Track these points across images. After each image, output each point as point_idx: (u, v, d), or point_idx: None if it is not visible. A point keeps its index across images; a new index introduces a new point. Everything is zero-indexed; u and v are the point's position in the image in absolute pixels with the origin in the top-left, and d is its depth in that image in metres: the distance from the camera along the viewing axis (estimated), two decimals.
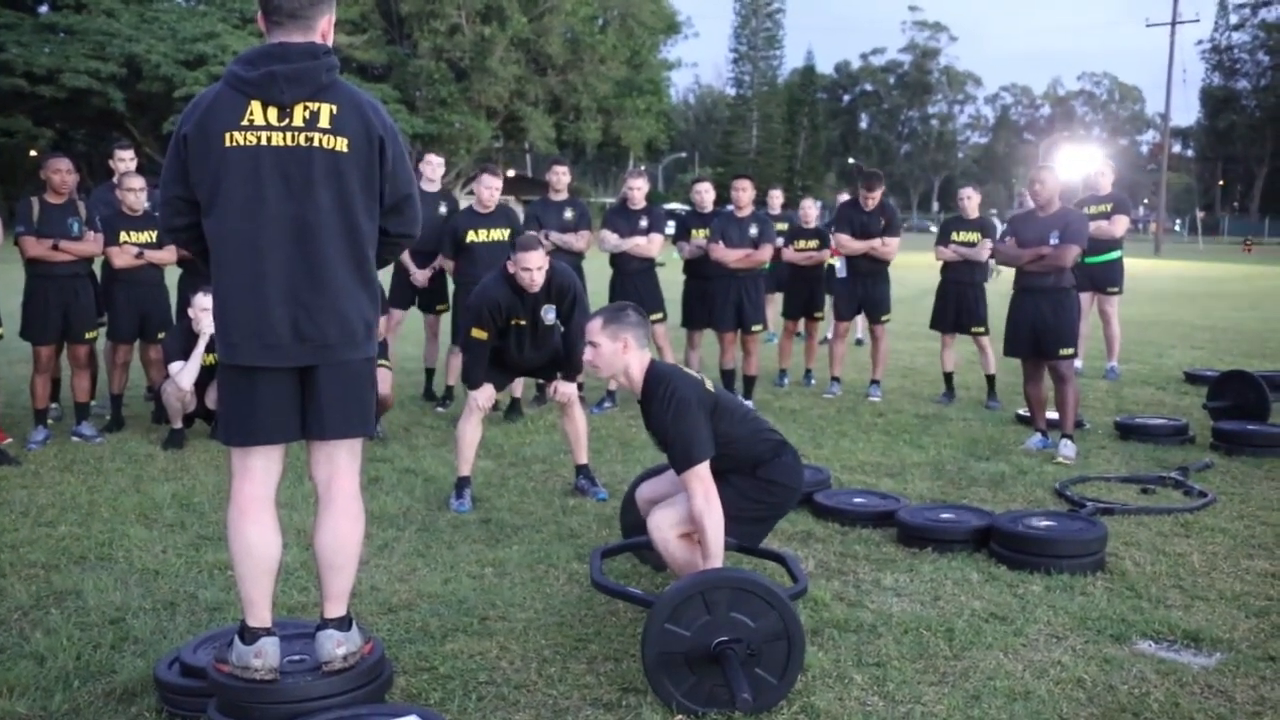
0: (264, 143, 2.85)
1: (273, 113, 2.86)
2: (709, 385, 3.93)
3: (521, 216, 8.16)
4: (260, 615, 3.00)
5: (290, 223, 2.87)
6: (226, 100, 2.87)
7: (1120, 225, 9.19)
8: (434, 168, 8.30)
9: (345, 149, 2.90)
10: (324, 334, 2.91)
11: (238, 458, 3.03)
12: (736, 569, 3.58)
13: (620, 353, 3.82)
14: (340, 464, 3.09)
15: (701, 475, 3.65)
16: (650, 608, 3.33)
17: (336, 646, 3.01)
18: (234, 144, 2.85)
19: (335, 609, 3.07)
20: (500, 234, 7.56)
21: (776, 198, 11.46)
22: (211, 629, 3.64)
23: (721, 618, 3.23)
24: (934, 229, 75.62)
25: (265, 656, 2.95)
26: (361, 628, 3.18)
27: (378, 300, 3.09)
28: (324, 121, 2.88)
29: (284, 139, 2.86)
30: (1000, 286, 8.37)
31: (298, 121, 2.87)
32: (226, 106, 2.87)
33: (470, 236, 7.60)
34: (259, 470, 3.03)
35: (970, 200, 8.67)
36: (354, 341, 2.97)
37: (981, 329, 8.47)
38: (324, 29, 2.94)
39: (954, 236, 8.55)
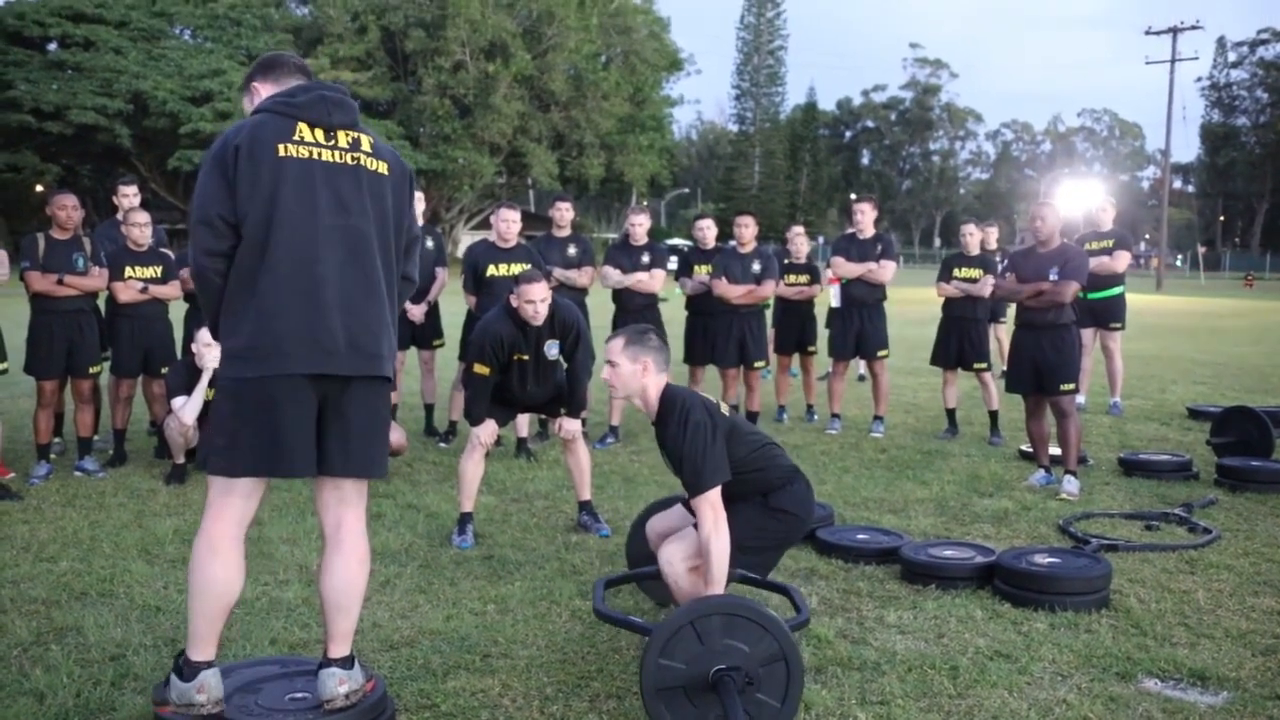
0: (315, 157, 2.98)
1: (319, 133, 3.00)
2: (725, 409, 3.92)
3: None
4: (207, 650, 2.98)
5: (342, 234, 2.97)
6: (272, 122, 2.99)
7: (1122, 261, 9.21)
8: (416, 202, 8.23)
9: (386, 172, 3.10)
10: (376, 344, 3.00)
11: (220, 491, 2.98)
12: (728, 595, 3.55)
13: (639, 374, 3.82)
14: (352, 504, 3.09)
15: (713, 501, 3.64)
16: (647, 638, 3.31)
17: (339, 685, 3.00)
18: (288, 154, 2.94)
19: (340, 649, 3.06)
20: (520, 268, 7.46)
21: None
22: None
23: (715, 646, 3.19)
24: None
25: (208, 690, 2.94)
26: (363, 665, 3.17)
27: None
28: (365, 147, 3.07)
29: (333, 156, 3.00)
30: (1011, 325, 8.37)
31: (343, 144, 3.03)
32: (274, 125, 2.98)
33: (491, 271, 7.59)
34: (238, 507, 3.00)
35: (972, 237, 8.70)
36: (381, 359, 3.03)
37: (984, 365, 8.47)
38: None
39: (956, 273, 8.57)
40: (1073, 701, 3.54)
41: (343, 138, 3.04)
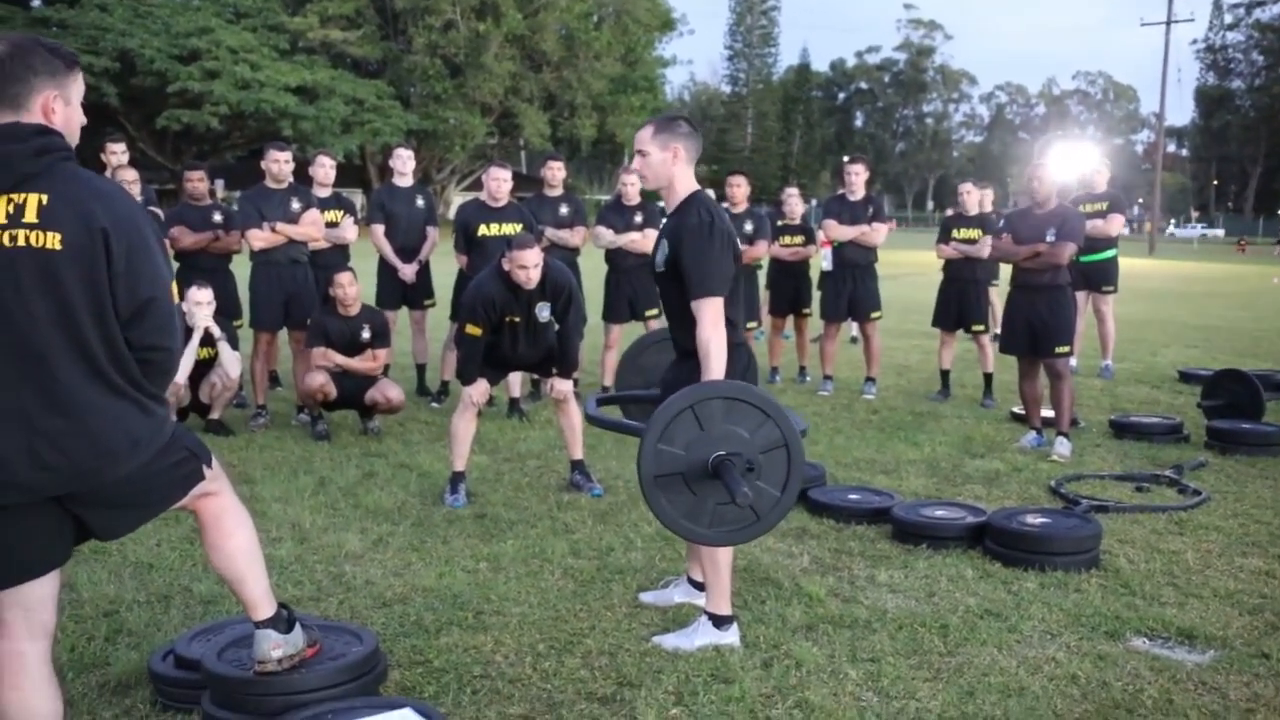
0: None
1: None
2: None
3: None
4: None
5: (5, 338, 2.37)
6: None
7: (1116, 224, 9.19)
8: (404, 161, 8.16)
9: (58, 245, 2.35)
10: (73, 460, 2.41)
11: None
12: (729, 381, 3.42)
13: (670, 162, 3.66)
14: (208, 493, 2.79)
15: (716, 306, 3.51)
16: (641, 434, 3.24)
17: (273, 649, 2.92)
18: None
19: (258, 613, 2.93)
20: (512, 228, 7.39)
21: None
22: (206, 621, 3.64)
23: (716, 431, 3.14)
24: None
25: None
26: (310, 628, 3.11)
27: (154, 411, 2.55)
28: (30, 215, 2.36)
29: None
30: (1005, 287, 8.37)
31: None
32: None
33: (482, 230, 7.55)
34: (17, 622, 2.53)
35: (970, 195, 8.64)
36: (116, 460, 2.46)
37: (981, 327, 8.46)
38: (43, 107, 2.44)
39: (954, 234, 8.53)
40: (1062, 659, 3.57)
41: (1, 209, 2.36)
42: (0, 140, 2.37)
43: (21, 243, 2.34)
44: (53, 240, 2.36)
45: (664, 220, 3.77)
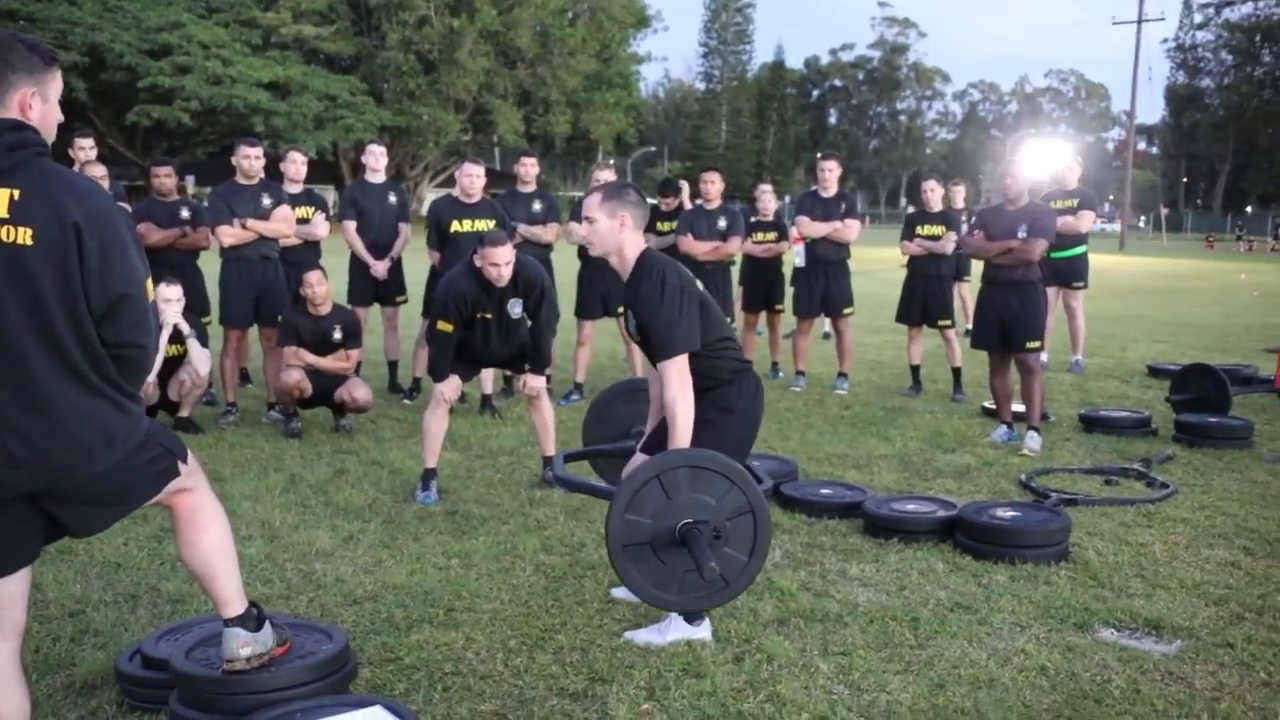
0: None
1: None
2: (699, 285, 3.83)
3: None
4: None
5: None
6: None
7: (1086, 221, 9.25)
8: (376, 157, 8.15)
9: (29, 240, 2.35)
10: (47, 457, 2.41)
11: None
12: (694, 449, 3.47)
13: (616, 230, 3.71)
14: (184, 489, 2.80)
15: (680, 366, 3.57)
16: (610, 498, 3.27)
17: (241, 647, 2.91)
18: None
19: (228, 610, 2.92)
20: (485, 224, 7.39)
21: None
22: (174, 621, 3.61)
23: (682, 500, 3.18)
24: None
25: None
26: (281, 627, 3.09)
27: (129, 408, 2.55)
28: (1, 210, 2.35)
29: None
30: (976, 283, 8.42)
31: None
32: None
33: (455, 227, 7.51)
34: None
35: (933, 193, 8.68)
36: (90, 457, 2.46)
37: (948, 321, 8.51)
38: (20, 103, 2.43)
39: (918, 230, 8.56)
40: (1031, 651, 3.59)
41: None
42: None
43: None
44: (24, 235, 2.35)
45: (625, 288, 3.82)
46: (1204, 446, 6.61)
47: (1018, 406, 6.95)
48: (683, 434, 3.53)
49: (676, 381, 3.56)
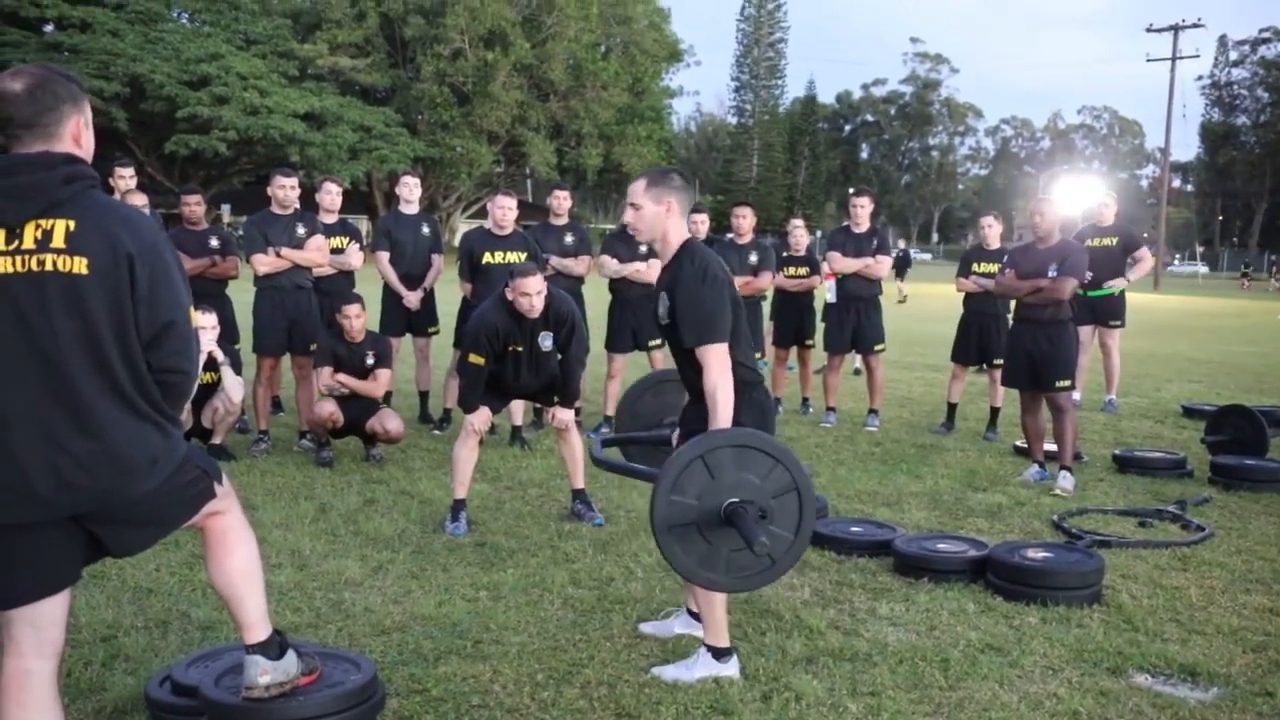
0: None
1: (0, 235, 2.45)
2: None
3: None
4: None
5: (27, 362, 2.44)
6: None
7: (1147, 259, 9.32)
8: (410, 188, 8.21)
9: (84, 270, 2.44)
10: (96, 479, 2.48)
11: None
12: (737, 429, 3.43)
13: (663, 215, 3.65)
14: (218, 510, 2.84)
15: (720, 352, 3.51)
16: (654, 481, 3.26)
17: (261, 675, 2.90)
18: None
19: (252, 635, 2.92)
20: (517, 256, 7.45)
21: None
22: (204, 648, 3.62)
23: (727, 479, 3.18)
24: (925, 255, 75.38)
25: None
26: (309, 657, 3.08)
27: (171, 432, 2.62)
28: (58, 240, 2.44)
29: (11, 264, 2.43)
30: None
31: (28, 243, 2.43)
32: None
33: (487, 258, 7.57)
34: (26, 639, 2.58)
35: (991, 230, 8.64)
36: (137, 479, 2.54)
37: (1000, 362, 8.40)
38: (73, 133, 2.54)
39: (975, 268, 8.49)
40: (1063, 695, 3.54)
41: (29, 234, 2.43)
42: (32, 169, 2.45)
43: (49, 267, 2.42)
44: (80, 265, 2.44)
45: (661, 272, 3.78)
46: (1240, 489, 6.53)
47: (1050, 446, 6.88)
48: (724, 415, 3.46)
49: (717, 367, 3.50)
